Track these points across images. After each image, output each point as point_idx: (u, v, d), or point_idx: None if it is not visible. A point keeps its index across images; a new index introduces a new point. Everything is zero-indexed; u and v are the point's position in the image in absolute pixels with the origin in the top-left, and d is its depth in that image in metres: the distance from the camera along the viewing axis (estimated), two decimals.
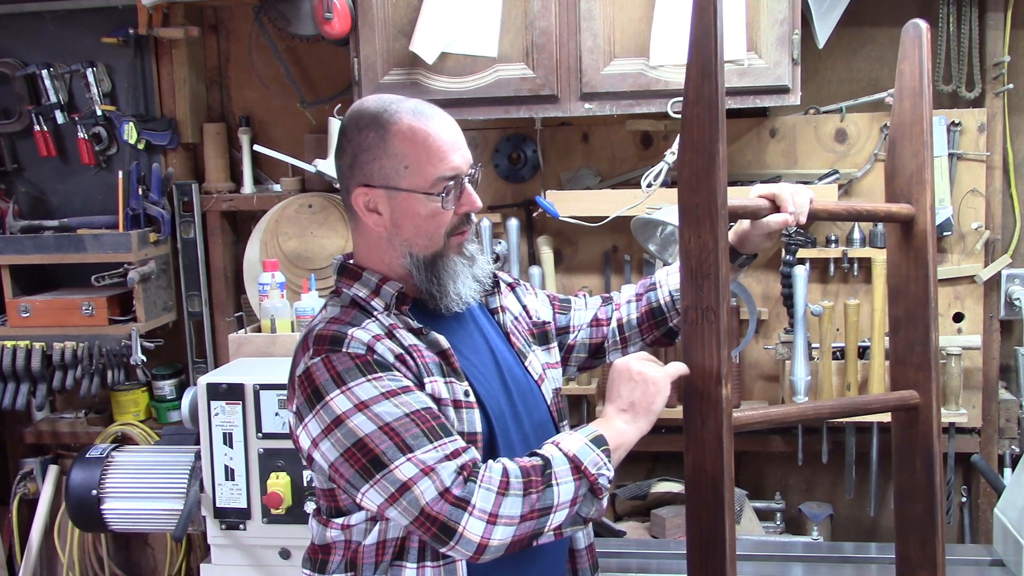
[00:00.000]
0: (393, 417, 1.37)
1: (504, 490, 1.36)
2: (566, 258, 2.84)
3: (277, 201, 2.93)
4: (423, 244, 1.50)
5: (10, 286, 2.92)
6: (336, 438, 1.39)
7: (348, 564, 1.50)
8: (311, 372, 1.42)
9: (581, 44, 2.40)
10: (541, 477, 1.38)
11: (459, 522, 1.34)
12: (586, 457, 1.40)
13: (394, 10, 2.46)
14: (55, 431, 3.15)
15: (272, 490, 2.28)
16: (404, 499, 1.35)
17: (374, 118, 1.48)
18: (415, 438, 1.37)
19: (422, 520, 1.36)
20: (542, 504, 1.37)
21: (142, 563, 3.22)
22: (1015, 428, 2.69)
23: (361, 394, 1.38)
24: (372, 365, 1.41)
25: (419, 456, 1.36)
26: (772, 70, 2.34)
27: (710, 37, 1.41)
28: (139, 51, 2.97)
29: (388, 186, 1.47)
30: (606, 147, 2.79)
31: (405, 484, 1.35)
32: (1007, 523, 2.18)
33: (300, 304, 2.60)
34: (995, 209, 2.64)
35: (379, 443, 1.36)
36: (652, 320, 1.76)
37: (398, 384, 1.41)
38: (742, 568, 2.22)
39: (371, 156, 1.47)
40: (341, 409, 1.38)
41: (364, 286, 1.53)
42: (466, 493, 1.35)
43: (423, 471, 1.35)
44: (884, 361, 2.54)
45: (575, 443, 1.42)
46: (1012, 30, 2.60)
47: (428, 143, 1.47)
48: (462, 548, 1.36)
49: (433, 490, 1.35)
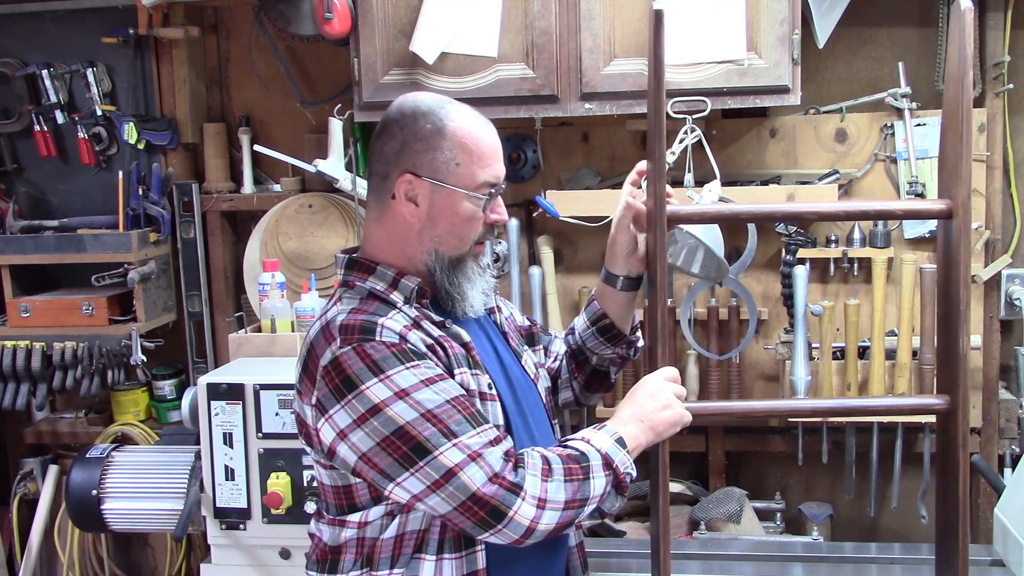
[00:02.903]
0: (434, 404, 1.38)
1: (547, 476, 1.39)
2: (566, 258, 2.84)
3: (277, 201, 2.93)
4: (453, 244, 1.52)
5: (10, 286, 2.91)
6: (372, 427, 1.38)
7: (364, 560, 1.49)
8: (340, 361, 1.40)
9: (581, 44, 2.40)
10: (580, 467, 1.42)
11: (511, 506, 1.36)
12: (616, 456, 1.45)
13: (394, 10, 2.46)
14: (55, 431, 3.15)
15: (272, 490, 2.28)
16: (451, 485, 1.36)
17: (431, 111, 1.50)
18: (458, 424, 1.38)
19: (469, 505, 1.36)
20: (582, 495, 1.41)
21: (142, 563, 3.21)
22: (1015, 428, 2.69)
23: (401, 382, 1.38)
24: (408, 353, 1.41)
25: (464, 441, 1.37)
26: (772, 70, 2.34)
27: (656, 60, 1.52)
28: (139, 51, 2.97)
29: (435, 179, 1.48)
30: (606, 147, 2.79)
31: (451, 470, 1.36)
32: (1007, 523, 2.18)
33: (300, 304, 2.60)
34: (995, 209, 2.64)
35: (422, 430, 1.37)
36: (576, 361, 1.82)
37: (434, 372, 1.42)
38: (742, 568, 2.23)
39: (425, 146, 1.48)
40: (380, 397, 1.37)
41: (380, 279, 1.52)
42: (519, 479, 1.38)
43: (470, 456, 1.36)
44: (884, 361, 2.54)
45: (605, 441, 1.46)
46: (1012, 30, 2.60)
47: (481, 146, 1.50)
48: (510, 531, 1.38)
49: (482, 475, 1.36)
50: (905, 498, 2.72)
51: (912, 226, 2.65)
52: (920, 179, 2.59)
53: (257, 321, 2.73)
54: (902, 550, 2.32)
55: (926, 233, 2.64)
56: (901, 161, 2.63)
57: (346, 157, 2.73)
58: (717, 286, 2.66)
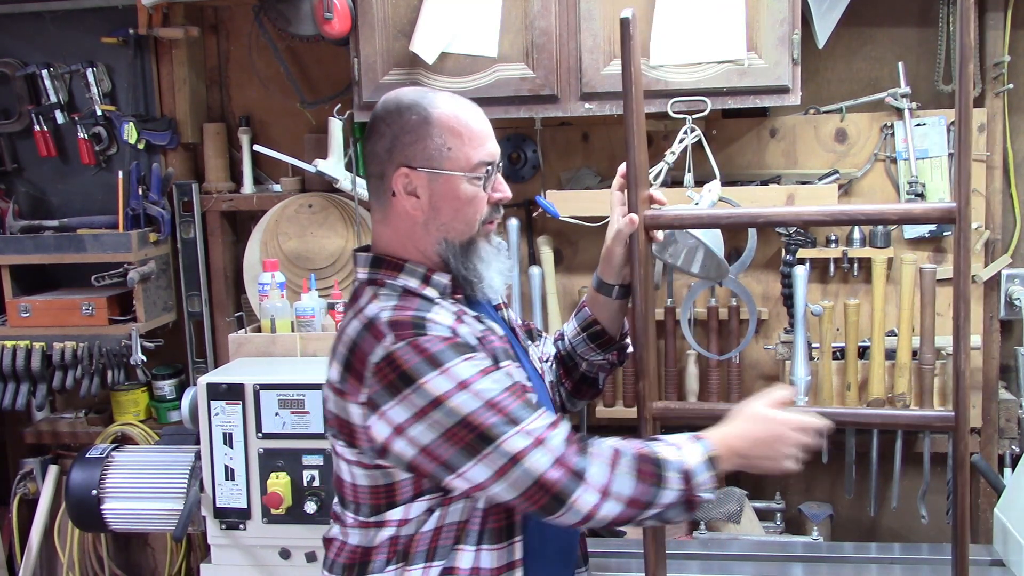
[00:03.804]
0: (494, 393, 1.39)
1: (614, 465, 1.39)
2: (566, 258, 2.84)
3: (277, 201, 2.93)
4: (460, 229, 1.51)
5: (10, 286, 2.91)
6: (434, 420, 1.37)
7: (399, 556, 1.48)
8: (396, 357, 1.39)
9: (581, 44, 2.40)
10: (654, 472, 1.41)
11: (572, 493, 1.37)
12: (699, 475, 1.43)
13: (394, 10, 2.46)
14: (55, 431, 3.15)
15: (272, 490, 2.28)
16: (516, 471, 1.36)
17: (414, 102, 1.50)
18: (519, 410, 1.39)
19: (534, 491, 1.37)
20: (648, 498, 1.40)
21: (142, 563, 3.21)
22: (1015, 428, 2.69)
23: (461, 373, 1.38)
24: (462, 346, 1.42)
25: (527, 427, 1.38)
26: (772, 70, 2.34)
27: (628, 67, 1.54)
28: (139, 51, 2.96)
29: (430, 167, 1.48)
30: (606, 147, 2.79)
31: (516, 456, 1.36)
32: (1007, 523, 2.18)
33: (300, 304, 2.60)
34: (995, 209, 2.64)
35: (486, 419, 1.37)
36: (564, 367, 1.81)
37: (487, 363, 1.43)
38: (742, 568, 2.23)
39: (413, 138, 1.48)
40: (441, 390, 1.37)
41: (412, 276, 1.52)
42: (582, 464, 1.38)
43: (535, 442, 1.37)
44: (884, 361, 2.54)
45: (694, 456, 1.44)
46: (1012, 30, 2.60)
47: (470, 128, 1.50)
48: (570, 516, 1.39)
49: (547, 459, 1.37)
50: (905, 498, 2.72)
51: (912, 226, 2.65)
52: (920, 179, 2.60)
53: (257, 321, 2.73)
54: (902, 550, 2.32)
55: (926, 233, 2.65)
56: (901, 161, 2.63)
57: (346, 157, 2.73)
58: (717, 286, 2.66)
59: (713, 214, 1.79)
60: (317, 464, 2.28)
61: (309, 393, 2.27)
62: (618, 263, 1.67)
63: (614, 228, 1.66)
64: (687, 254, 1.96)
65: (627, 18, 1.58)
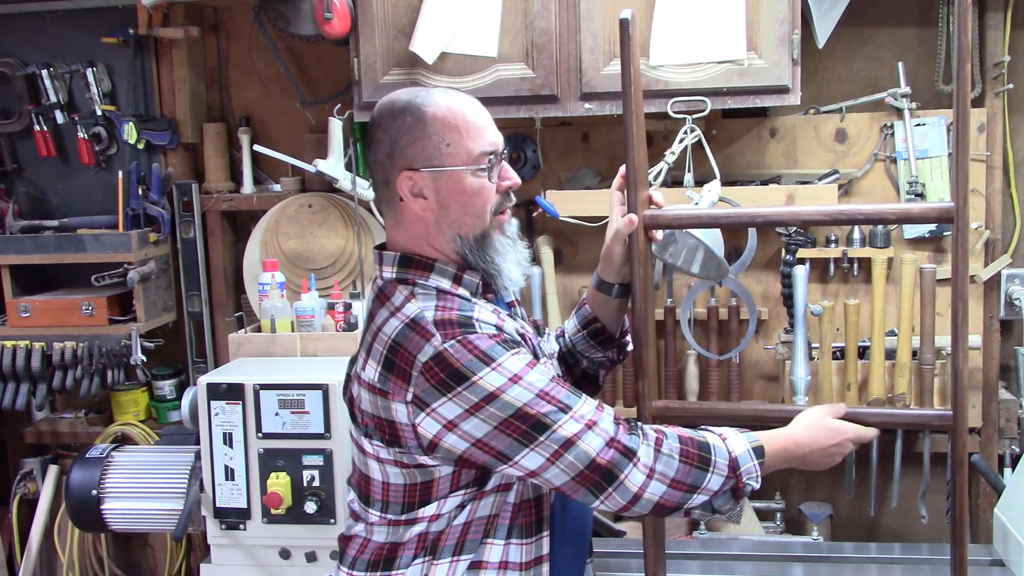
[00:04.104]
0: (544, 384, 1.42)
1: (659, 447, 1.43)
2: (566, 258, 2.84)
3: (277, 201, 2.93)
4: (472, 223, 1.52)
5: (10, 286, 2.91)
6: (488, 413, 1.40)
7: (427, 551, 1.50)
8: (446, 356, 1.40)
9: (581, 44, 2.40)
10: (699, 453, 1.44)
11: (623, 471, 1.41)
12: (744, 463, 1.47)
13: (394, 10, 2.46)
14: (55, 431, 3.15)
15: (272, 490, 2.28)
16: (570, 454, 1.40)
17: (407, 104, 1.50)
18: (567, 397, 1.42)
19: (587, 472, 1.40)
20: (692, 480, 1.43)
21: (142, 563, 3.21)
22: (1015, 428, 2.69)
23: (512, 367, 1.41)
24: (509, 342, 1.44)
25: (578, 412, 1.41)
26: (772, 70, 2.34)
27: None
28: (139, 51, 2.96)
29: (432, 166, 1.48)
30: (606, 147, 2.79)
31: (570, 440, 1.40)
32: (1007, 523, 2.18)
33: (300, 304, 2.60)
34: (995, 209, 2.64)
35: (540, 408, 1.40)
36: (565, 364, 1.83)
37: (531, 357, 1.46)
38: (742, 568, 2.23)
39: (411, 139, 1.48)
40: (495, 385, 1.40)
41: (443, 277, 1.53)
42: (632, 443, 1.42)
43: (587, 425, 1.41)
44: (884, 361, 2.54)
45: (739, 445, 1.48)
46: (1012, 30, 2.60)
47: (466, 120, 1.50)
48: (618, 496, 1.42)
49: (600, 440, 1.41)
50: (905, 498, 2.72)
51: (912, 226, 2.65)
52: (920, 179, 2.60)
53: (257, 321, 2.73)
54: (902, 550, 2.32)
55: (926, 233, 2.65)
56: (901, 161, 2.63)
57: (346, 157, 2.73)
58: (717, 286, 2.66)
59: (712, 214, 1.79)
60: (317, 464, 2.28)
61: (309, 393, 2.27)
62: (618, 262, 1.68)
63: (613, 228, 1.67)
64: (687, 254, 1.96)
65: (626, 19, 1.59)
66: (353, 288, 2.79)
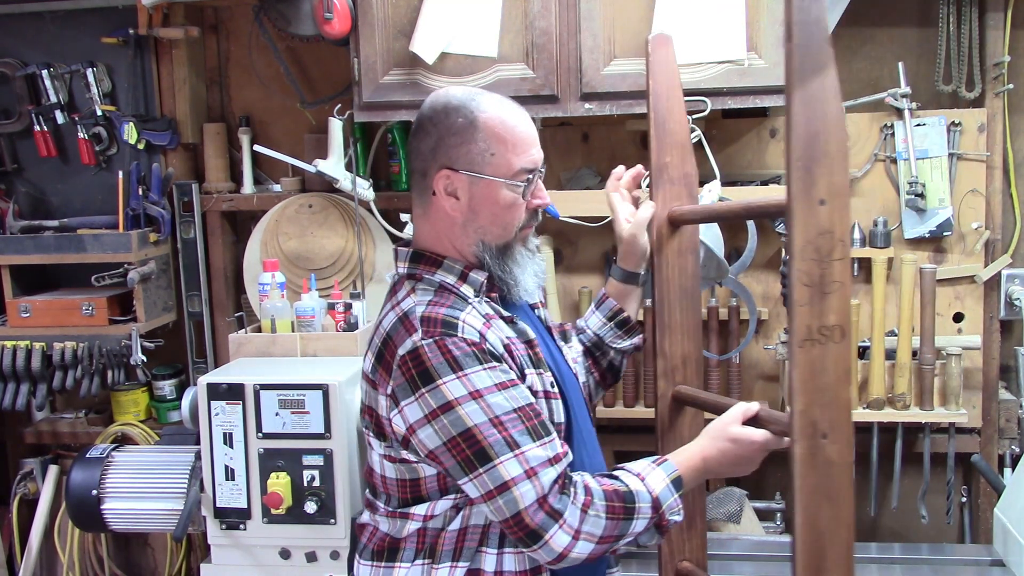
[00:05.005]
0: (503, 410, 1.40)
1: (586, 508, 1.41)
2: (566, 258, 2.84)
3: (277, 201, 2.93)
4: (497, 233, 1.53)
5: (10, 286, 2.91)
6: (441, 424, 1.39)
7: (426, 552, 1.50)
8: (420, 353, 1.41)
9: (581, 44, 2.40)
10: (624, 506, 1.43)
11: (548, 532, 1.39)
12: (666, 500, 1.46)
13: (394, 10, 2.46)
14: (55, 431, 3.15)
15: (272, 490, 2.28)
16: (502, 498, 1.38)
17: (462, 104, 1.51)
18: (521, 434, 1.40)
19: (514, 523, 1.39)
20: (620, 532, 1.44)
21: (142, 563, 3.22)
22: (1015, 428, 2.69)
23: (477, 382, 1.40)
24: (487, 354, 1.42)
25: (526, 454, 1.39)
26: (772, 70, 2.34)
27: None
28: (139, 51, 2.96)
29: (472, 171, 1.49)
30: (606, 147, 2.79)
31: (507, 483, 1.38)
32: (1007, 523, 2.18)
33: (300, 304, 2.60)
34: (995, 209, 2.64)
35: (488, 435, 1.38)
36: (592, 357, 1.84)
37: (508, 376, 1.43)
38: (742, 568, 2.23)
39: (459, 140, 1.49)
40: (454, 395, 1.39)
41: (449, 272, 1.54)
42: (561, 505, 1.39)
43: (526, 472, 1.38)
44: (884, 361, 2.54)
45: (659, 482, 1.47)
46: (1012, 30, 2.60)
47: (515, 134, 1.51)
48: (544, 553, 1.41)
49: (533, 495, 1.38)
50: (905, 498, 2.72)
51: (912, 226, 2.65)
52: (920, 179, 2.60)
53: (257, 321, 2.73)
54: (902, 550, 2.32)
55: (926, 233, 2.65)
56: (901, 161, 2.63)
57: (346, 157, 2.73)
58: (717, 286, 2.66)
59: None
60: (317, 464, 2.28)
61: (309, 393, 2.27)
62: (642, 251, 1.73)
63: (623, 225, 1.74)
64: None
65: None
66: (353, 288, 2.79)
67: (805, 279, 1.22)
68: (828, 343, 1.23)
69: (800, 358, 1.23)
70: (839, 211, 1.22)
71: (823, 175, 1.21)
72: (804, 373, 1.22)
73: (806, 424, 1.21)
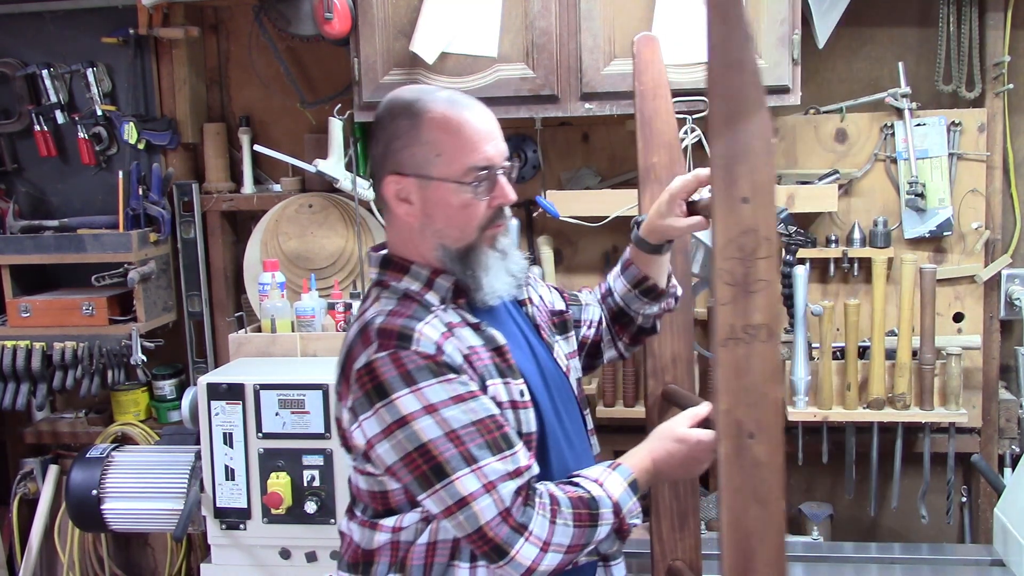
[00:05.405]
0: (460, 424, 1.35)
1: (554, 518, 1.38)
2: (566, 258, 2.84)
3: (277, 201, 2.93)
4: (455, 236, 1.47)
5: (10, 286, 2.91)
6: (397, 440, 1.36)
7: (398, 566, 1.47)
8: (375, 367, 1.37)
9: (581, 44, 2.41)
10: (589, 513, 1.40)
11: (514, 546, 1.35)
12: (626, 504, 1.43)
13: (394, 10, 2.46)
14: (55, 431, 3.15)
15: (272, 490, 2.28)
16: (462, 513, 1.35)
17: (408, 106, 1.46)
18: (480, 448, 1.35)
19: (476, 537, 1.36)
20: (586, 540, 1.40)
21: (142, 563, 3.22)
22: (1015, 428, 2.69)
23: (431, 396, 1.35)
24: (443, 366, 1.38)
25: (483, 469, 1.35)
26: (772, 70, 2.34)
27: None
28: (139, 51, 2.96)
29: (419, 174, 1.44)
30: (606, 147, 2.79)
31: (465, 499, 1.34)
32: (1007, 523, 2.18)
33: (300, 304, 2.60)
34: (995, 209, 2.64)
35: (444, 450, 1.34)
36: (619, 323, 1.80)
37: (466, 389, 1.38)
38: None
39: (403, 144, 1.44)
40: (408, 410, 1.35)
41: (415, 279, 1.49)
42: (525, 518, 1.36)
43: (485, 487, 1.34)
44: (884, 361, 2.54)
45: (617, 486, 1.44)
46: (1012, 30, 2.60)
47: (461, 131, 1.44)
48: (511, 569, 1.37)
49: (493, 509, 1.34)
50: (905, 498, 2.72)
51: (912, 226, 2.65)
52: (920, 179, 2.60)
53: (257, 321, 2.73)
54: (902, 550, 2.32)
55: (926, 233, 2.65)
56: (901, 161, 2.63)
57: (346, 157, 2.73)
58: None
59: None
60: (317, 464, 2.28)
61: (309, 393, 2.28)
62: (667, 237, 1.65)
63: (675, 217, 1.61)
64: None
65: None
66: (353, 288, 2.79)
67: (727, 278, 1.22)
68: (754, 342, 1.22)
69: (723, 357, 1.22)
70: (764, 209, 1.21)
71: (745, 173, 1.21)
72: (727, 372, 1.22)
73: (730, 424, 1.21)
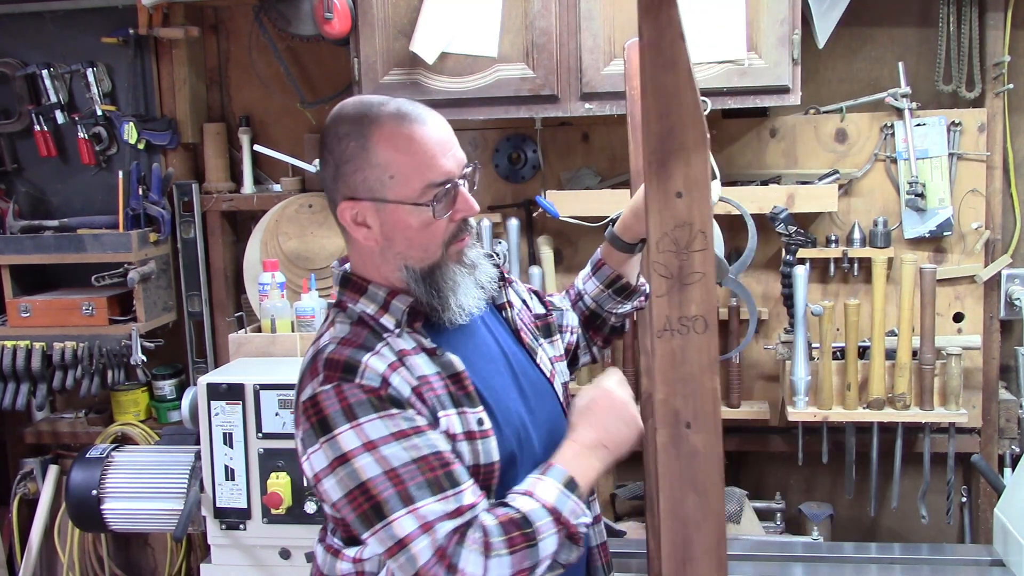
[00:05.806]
0: (400, 462, 1.31)
1: (487, 551, 1.30)
2: (566, 258, 2.84)
3: (277, 201, 2.93)
4: (418, 256, 1.41)
5: (10, 286, 2.91)
6: (339, 477, 1.32)
7: None
8: (319, 400, 1.33)
9: (581, 44, 2.41)
10: (523, 534, 1.32)
11: None
12: (564, 507, 1.36)
13: (394, 10, 2.46)
14: (55, 431, 3.15)
15: (272, 490, 2.28)
16: (402, 555, 1.30)
17: (354, 125, 1.39)
18: (419, 488, 1.30)
19: None
20: (530, 562, 1.33)
21: (142, 563, 3.22)
22: (1015, 428, 2.69)
23: (371, 432, 1.31)
24: (386, 401, 1.33)
25: (420, 510, 1.29)
26: (772, 70, 2.34)
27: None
28: (139, 51, 2.97)
29: (374, 198, 1.38)
30: (606, 147, 2.79)
31: (403, 540, 1.29)
32: (1007, 523, 2.18)
33: (300, 304, 2.60)
34: (995, 209, 2.64)
35: (381, 490, 1.30)
36: (593, 326, 1.80)
37: (410, 424, 1.33)
38: (742, 568, 2.23)
39: (353, 167, 1.38)
40: (349, 447, 1.31)
41: (371, 301, 1.44)
42: (458, 559, 1.29)
43: (422, 527, 1.29)
44: (884, 361, 2.54)
45: (551, 492, 1.36)
46: (1012, 30, 2.60)
47: (413, 149, 1.37)
48: None
49: (428, 551, 1.29)
50: (905, 498, 2.72)
51: (912, 226, 2.65)
52: (920, 179, 2.60)
53: (257, 321, 2.73)
54: (902, 550, 2.32)
55: (926, 233, 2.65)
56: (901, 161, 2.63)
57: None
58: (717, 286, 2.66)
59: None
60: None
61: None
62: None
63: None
64: None
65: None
66: None
67: (662, 270, 1.23)
68: (689, 333, 1.23)
69: (659, 348, 1.23)
70: (698, 203, 1.22)
71: (679, 168, 1.22)
72: (664, 363, 1.23)
73: (667, 413, 1.21)
